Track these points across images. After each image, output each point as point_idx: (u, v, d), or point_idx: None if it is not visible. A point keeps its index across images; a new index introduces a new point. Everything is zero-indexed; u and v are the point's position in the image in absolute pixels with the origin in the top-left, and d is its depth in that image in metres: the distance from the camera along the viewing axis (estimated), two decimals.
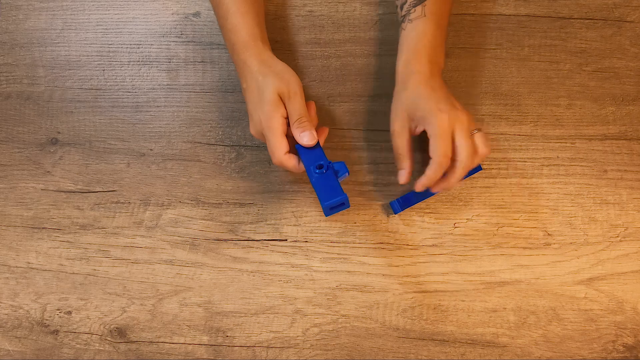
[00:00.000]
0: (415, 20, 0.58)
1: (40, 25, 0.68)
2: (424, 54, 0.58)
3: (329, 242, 0.63)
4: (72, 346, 0.62)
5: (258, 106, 0.56)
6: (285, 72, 0.57)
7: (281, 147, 0.55)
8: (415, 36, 0.58)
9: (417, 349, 0.60)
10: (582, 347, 0.60)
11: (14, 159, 0.66)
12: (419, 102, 0.56)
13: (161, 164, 0.65)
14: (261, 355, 0.60)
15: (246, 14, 0.59)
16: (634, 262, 0.62)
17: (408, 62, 0.58)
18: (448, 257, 0.62)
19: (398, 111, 0.58)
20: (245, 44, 0.58)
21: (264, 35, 0.60)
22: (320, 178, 0.56)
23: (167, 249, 0.63)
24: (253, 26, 0.59)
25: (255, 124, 0.57)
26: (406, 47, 0.58)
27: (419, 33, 0.58)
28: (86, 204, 0.65)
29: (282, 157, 0.56)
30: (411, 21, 0.59)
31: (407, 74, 0.57)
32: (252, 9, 0.59)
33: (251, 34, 0.58)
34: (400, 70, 0.58)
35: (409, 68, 0.57)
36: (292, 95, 0.56)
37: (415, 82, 0.57)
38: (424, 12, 0.58)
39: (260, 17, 0.61)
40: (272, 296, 0.62)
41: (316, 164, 0.56)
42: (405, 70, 0.58)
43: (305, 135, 0.56)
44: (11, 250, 0.64)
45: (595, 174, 0.63)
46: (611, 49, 0.65)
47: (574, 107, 0.65)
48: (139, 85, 0.67)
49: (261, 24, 0.60)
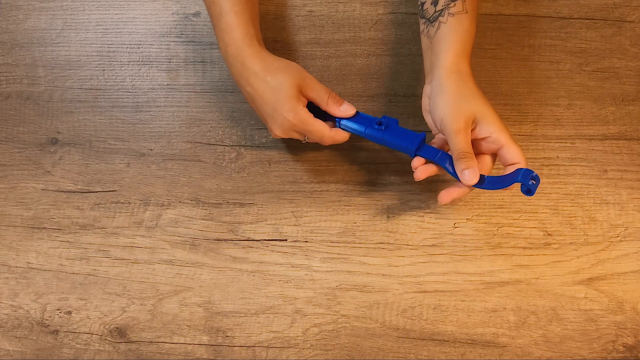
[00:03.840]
0: (457, 15, 0.56)
1: (40, 25, 0.68)
2: (468, 53, 0.56)
3: (329, 242, 0.63)
4: (72, 346, 0.62)
5: (279, 106, 0.56)
6: (288, 65, 0.57)
7: (325, 127, 0.57)
8: (462, 32, 0.56)
9: (417, 349, 0.60)
10: (582, 347, 0.60)
11: (14, 159, 0.66)
12: (480, 105, 0.53)
13: (161, 164, 0.65)
14: (261, 355, 0.60)
15: (240, 13, 0.58)
16: (634, 262, 0.62)
17: (459, 59, 0.55)
18: (448, 257, 0.62)
19: (455, 109, 0.53)
20: (241, 44, 0.57)
21: (259, 34, 0.60)
22: (388, 131, 0.57)
23: (167, 249, 0.63)
24: (248, 25, 0.58)
25: (281, 124, 0.56)
26: (454, 42, 0.55)
27: (465, 30, 0.56)
28: (86, 204, 0.65)
29: (333, 135, 0.57)
30: (453, 15, 0.56)
31: (457, 72, 0.55)
32: (246, 7, 0.58)
33: (246, 34, 0.57)
34: (449, 66, 0.55)
35: (459, 66, 0.55)
36: (309, 80, 0.56)
37: (470, 83, 0.55)
38: (465, 8, 0.56)
39: (254, 16, 0.60)
40: (272, 296, 0.62)
41: (375, 122, 0.57)
42: (455, 67, 0.55)
43: (344, 106, 0.57)
44: (11, 250, 0.64)
45: (595, 174, 0.63)
46: (611, 49, 0.65)
47: (574, 107, 0.65)
48: (139, 85, 0.67)
49: (256, 24, 0.60)
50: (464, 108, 0.53)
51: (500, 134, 0.52)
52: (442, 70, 0.55)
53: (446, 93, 0.53)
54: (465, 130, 0.52)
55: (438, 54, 0.55)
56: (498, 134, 0.53)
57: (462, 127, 0.52)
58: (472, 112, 0.53)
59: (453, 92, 0.53)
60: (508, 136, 0.53)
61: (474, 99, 0.53)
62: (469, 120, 0.53)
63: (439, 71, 0.55)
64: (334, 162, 0.64)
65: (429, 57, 0.57)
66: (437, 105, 0.54)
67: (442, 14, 0.56)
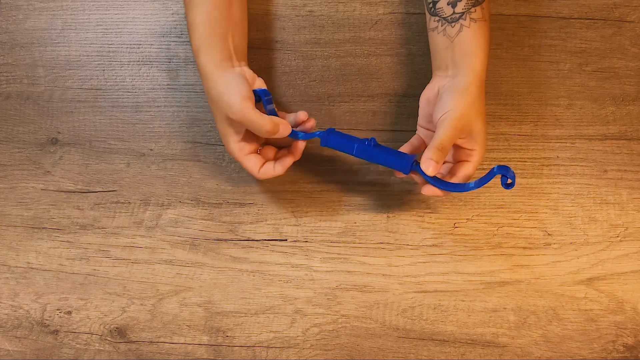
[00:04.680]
0: (479, 21, 0.57)
1: (40, 25, 0.68)
2: (486, 63, 0.57)
3: (329, 242, 0.63)
4: (72, 346, 0.62)
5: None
6: (224, 94, 0.56)
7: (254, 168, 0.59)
8: (486, 39, 0.57)
9: (417, 349, 0.60)
10: (582, 347, 0.60)
11: (14, 159, 0.66)
12: (481, 124, 0.55)
13: (161, 164, 0.65)
14: (261, 355, 0.60)
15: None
16: (634, 262, 0.62)
17: (484, 66, 0.57)
18: (448, 257, 0.62)
19: (465, 112, 0.54)
20: (201, 46, 0.57)
21: (231, 38, 0.59)
22: (380, 149, 0.56)
23: (167, 249, 0.63)
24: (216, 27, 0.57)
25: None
26: (481, 49, 0.56)
27: (486, 38, 0.57)
28: (86, 204, 0.65)
29: (260, 176, 0.58)
30: (475, 21, 0.57)
31: (481, 81, 0.56)
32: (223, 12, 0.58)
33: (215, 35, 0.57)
34: (478, 72, 0.56)
35: (483, 76, 0.57)
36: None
37: (484, 97, 0.56)
38: (484, 16, 0.57)
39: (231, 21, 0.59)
40: (272, 296, 0.62)
41: (363, 142, 0.56)
42: (481, 75, 0.56)
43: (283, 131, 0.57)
44: (11, 250, 0.64)
45: (595, 174, 0.64)
46: (611, 49, 0.65)
47: (574, 107, 0.65)
48: (139, 85, 0.67)
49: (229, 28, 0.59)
50: (472, 118, 0.54)
51: (478, 154, 0.56)
52: (470, 72, 0.56)
53: (467, 95, 0.55)
54: (458, 133, 0.54)
55: (465, 55, 0.56)
56: (477, 152, 0.56)
57: (458, 129, 0.54)
58: (475, 125, 0.55)
59: (472, 98, 0.55)
60: (480, 158, 0.56)
61: (481, 115, 0.55)
62: (466, 130, 0.54)
63: (467, 71, 0.56)
64: (334, 162, 0.65)
65: (450, 55, 0.57)
66: (453, 101, 0.54)
67: (464, 17, 0.57)
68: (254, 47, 0.66)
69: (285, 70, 0.66)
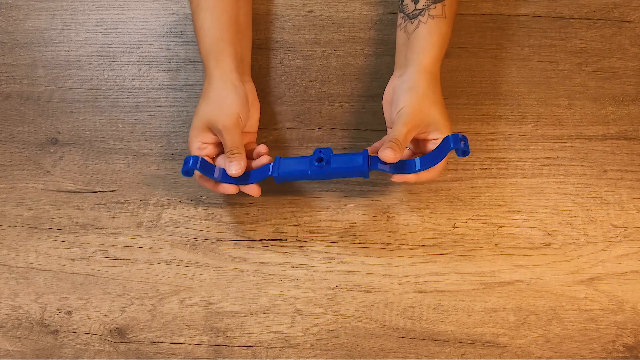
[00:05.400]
0: (437, 18, 0.57)
1: (40, 25, 0.68)
2: (442, 58, 0.57)
3: (329, 242, 0.63)
4: (72, 346, 0.62)
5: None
6: (224, 100, 0.57)
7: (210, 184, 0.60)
8: (441, 36, 0.57)
9: (417, 349, 0.60)
10: (582, 347, 0.60)
11: (14, 159, 0.66)
12: (438, 114, 0.56)
13: (161, 164, 0.65)
14: (261, 355, 0.60)
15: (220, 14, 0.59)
16: (634, 262, 0.62)
17: (435, 61, 0.57)
18: (448, 257, 0.62)
19: (417, 107, 0.55)
20: (211, 52, 0.58)
21: (235, 43, 0.60)
22: (333, 163, 0.56)
23: (167, 249, 0.63)
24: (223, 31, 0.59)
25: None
26: (432, 45, 0.57)
27: (443, 35, 0.57)
28: (86, 204, 0.65)
29: (219, 189, 0.59)
30: (432, 18, 0.57)
31: (430, 73, 0.56)
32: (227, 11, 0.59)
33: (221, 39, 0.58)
34: (425, 66, 0.56)
35: (433, 69, 0.57)
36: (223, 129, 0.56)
37: (438, 88, 0.57)
38: (444, 13, 0.57)
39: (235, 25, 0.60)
40: (272, 296, 0.62)
41: (315, 160, 0.56)
42: (430, 69, 0.57)
43: (232, 165, 0.56)
44: (11, 250, 0.64)
45: (595, 174, 0.64)
46: (611, 49, 0.65)
47: (574, 107, 0.65)
48: (139, 85, 0.67)
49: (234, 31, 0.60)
50: (425, 111, 0.55)
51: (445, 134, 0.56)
52: (418, 68, 0.56)
53: (416, 90, 0.56)
54: (413, 129, 0.55)
55: (415, 52, 0.57)
56: (434, 144, 0.56)
57: (413, 124, 0.55)
58: (430, 118, 0.55)
59: (422, 92, 0.56)
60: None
61: (436, 105, 0.56)
62: (422, 123, 0.55)
63: (414, 68, 0.57)
64: None
65: (404, 52, 0.58)
66: (404, 97, 0.56)
67: (422, 14, 0.57)
68: (254, 47, 0.66)
69: (285, 70, 0.66)
